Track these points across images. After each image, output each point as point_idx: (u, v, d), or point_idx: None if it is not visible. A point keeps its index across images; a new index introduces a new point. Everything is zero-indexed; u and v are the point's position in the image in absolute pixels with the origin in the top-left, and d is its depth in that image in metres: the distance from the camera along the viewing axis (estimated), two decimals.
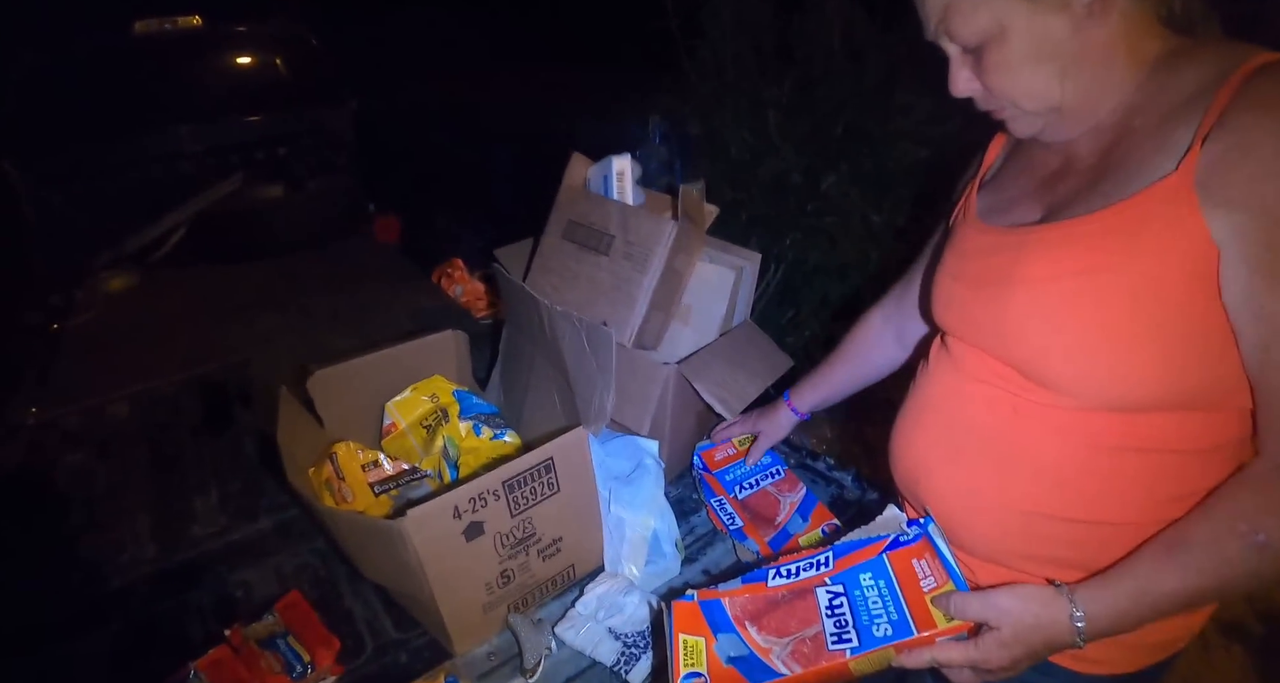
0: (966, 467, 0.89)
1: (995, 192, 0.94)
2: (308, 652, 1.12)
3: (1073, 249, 0.76)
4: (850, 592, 0.83)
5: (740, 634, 0.84)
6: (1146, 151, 0.73)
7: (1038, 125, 0.82)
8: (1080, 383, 0.77)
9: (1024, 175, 0.91)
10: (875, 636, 0.78)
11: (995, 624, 0.74)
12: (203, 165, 3.10)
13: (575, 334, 1.25)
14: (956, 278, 0.91)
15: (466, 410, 1.40)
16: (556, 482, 1.11)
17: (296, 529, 1.47)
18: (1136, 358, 0.73)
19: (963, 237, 0.93)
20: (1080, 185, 0.80)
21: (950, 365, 0.93)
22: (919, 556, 0.83)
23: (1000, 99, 0.80)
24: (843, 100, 2.36)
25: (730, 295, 1.44)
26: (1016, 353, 0.82)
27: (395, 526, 0.96)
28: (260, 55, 3.28)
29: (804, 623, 0.82)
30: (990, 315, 0.84)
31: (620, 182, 1.42)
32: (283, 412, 1.34)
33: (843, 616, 0.81)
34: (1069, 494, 0.81)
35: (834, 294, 2.33)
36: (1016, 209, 0.88)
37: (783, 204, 2.39)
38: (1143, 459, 0.78)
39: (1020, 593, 0.75)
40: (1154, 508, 0.78)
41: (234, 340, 2.25)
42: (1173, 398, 0.74)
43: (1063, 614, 0.72)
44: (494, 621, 1.16)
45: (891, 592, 0.81)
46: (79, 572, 1.43)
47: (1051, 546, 0.84)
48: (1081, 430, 0.79)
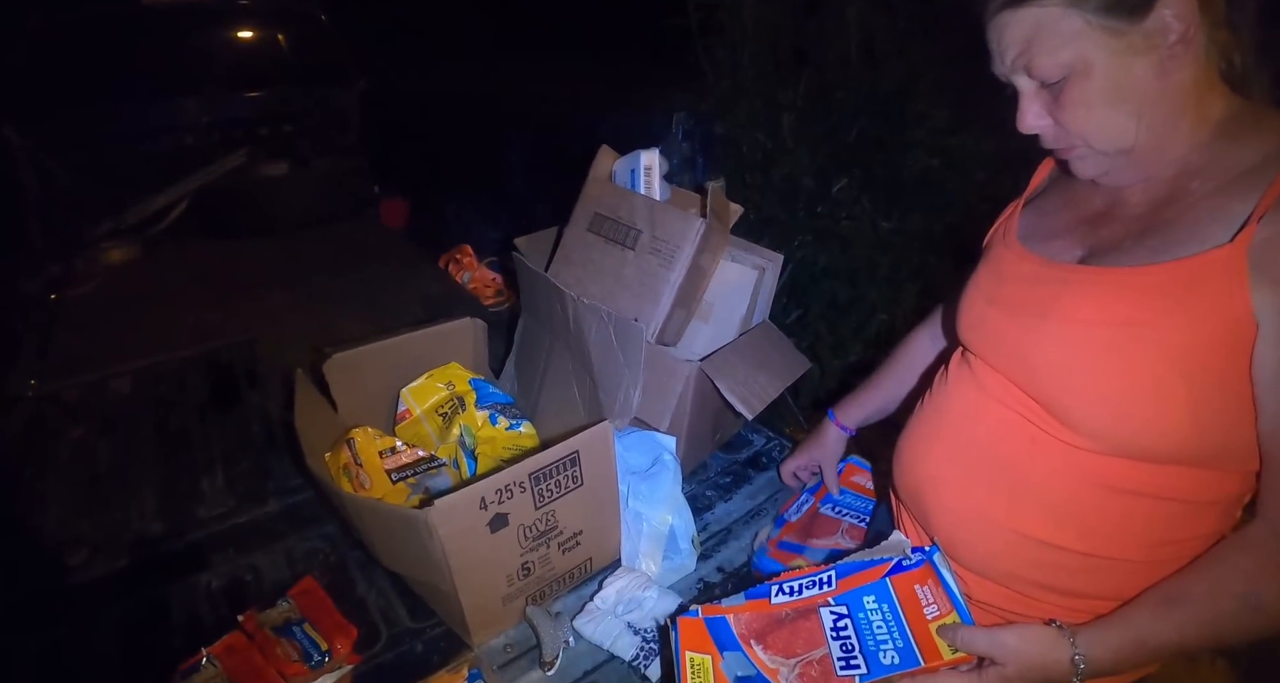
0: (978, 488, 0.90)
1: (1037, 217, 0.95)
2: (325, 640, 1.12)
3: (1117, 298, 0.77)
4: (854, 614, 0.84)
5: (746, 653, 0.85)
6: (1201, 217, 0.74)
7: (1103, 167, 0.82)
8: (1104, 429, 0.78)
9: (1067, 209, 0.92)
10: (883, 664, 0.79)
11: (1001, 661, 0.76)
12: (207, 139, 3.06)
13: (602, 327, 1.25)
14: (992, 302, 0.91)
15: (483, 399, 1.39)
16: (581, 475, 1.11)
17: (306, 513, 1.46)
18: (1162, 414, 0.75)
19: (1001, 259, 0.93)
20: (1124, 234, 0.81)
21: (972, 383, 0.93)
22: (921, 582, 0.85)
23: (1073, 137, 0.80)
24: (858, 106, 2.36)
25: (752, 295, 1.45)
26: (1044, 389, 0.83)
27: (422, 515, 0.96)
28: (269, 30, 3.24)
29: (810, 645, 0.84)
30: (1023, 347, 0.85)
31: (648, 176, 1.42)
32: (299, 395, 1.33)
33: (848, 639, 0.83)
34: (1075, 528, 0.84)
35: (842, 297, 2.33)
36: (1056, 242, 0.88)
37: (794, 207, 2.39)
38: (1149, 504, 0.80)
39: (1026, 634, 0.77)
40: (1152, 548, 0.82)
41: (240, 318, 2.22)
42: (1188, 455, 0.77)
43: (1065, 656, 0.75)
44: (512, 613, 1.16)
45: (895, 617, 0.83)
46: (83, 549, 1.41)
47: (1052, 573, 0.86)
48: (1096, 471, 0.81)
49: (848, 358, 2.37)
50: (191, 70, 3.12)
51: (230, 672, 1.08)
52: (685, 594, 1.24)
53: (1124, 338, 0.75)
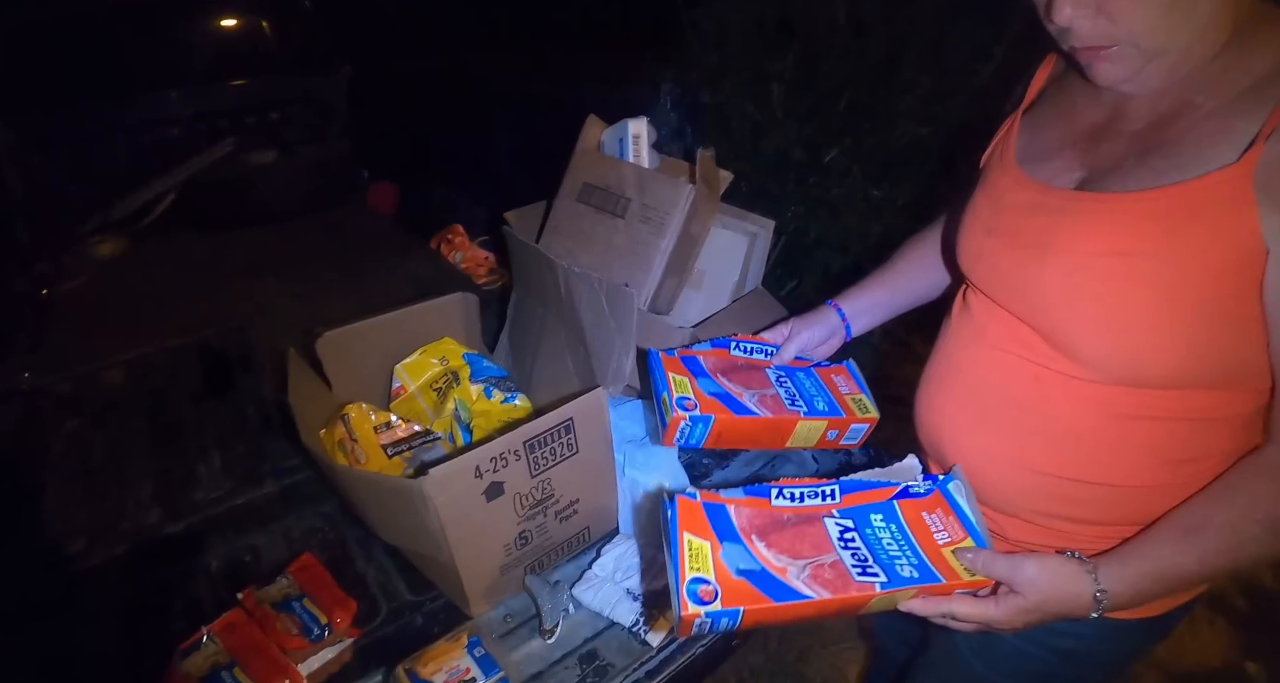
0: (988, 431, 0.91)
1: (1034, 130, 0.91)
2: (325, 614, 1.11)
3: (1116, 227, 0.74)
4: (861, 529, 0.82)
5: (748, 547, 0.80)
6: (1205, 134, 0.71)
7: (1133, 69, 0.75)
8: (1105, 359, 0.78)
9: (1064, 120, 0.88)
10: (902, 575, 0.77)
11: (1019, 589, 0.75)
12: (192, 130, 3.03)
13: (594, 296, 1.24)
14: (990, 232, 0.89)
15: (477, 373, 1.39)
16: (575, 443, 1.10)
17: (304, 493, 1.45)
18: (1163, 342, 0.74)
19: (1000, 184, 0.90)
20: (1125, 151, 0.78)
21: (973, 329, 0.93)
22: (929, 509, 0.84)
23: (1118, 33, 0.72)
24: (846, 76, 2.35)
25: (743, 262, 1.44)
26: (1044, 321, 0.82)
27: (417, 485, 0.95)
28: (250, 18, 3.21)
29: (817, 550, 0.80)
30: (1022, 279, 0.83)
31: (636, 144, 1.41)
32: (292, 373, 1.32)
33: (858, 550, 0.80)
34: (1084, 458, 0.84)
35: (835, 266, 2.33)
36: (1054, 161, 0.85)
37: (784, 178, 2.38)
38: (1155, 426, 0.80)
39: (1048, 564, 0.76)
40: (1163, 470, 0.81)
41: (231, 306, 2.21)
42: (1192, 379, 0.76)
43: (1086, 589, 0.75)
44: (510, 582, 1.16)
45: (905, 537, 0.81)
46: (81, 538, 1.40)
47: (1074, 505, 0.86)
48: (1099, 400, 0.80)
49: None
50: (175, 62, 3.10)
51: (231, 649, 1.07)
52: None
53: (1121, 267, 0.74)
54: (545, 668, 1.07)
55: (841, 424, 1.06)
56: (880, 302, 1.19)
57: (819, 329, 1.16)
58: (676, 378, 1.04)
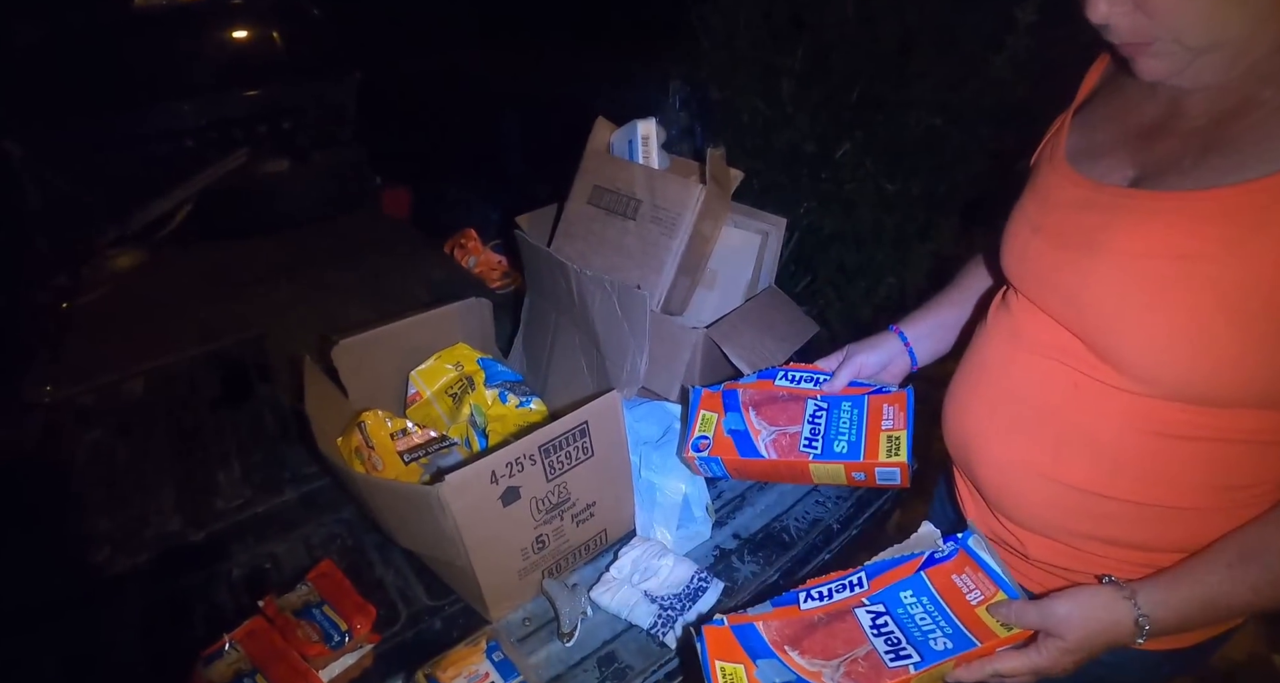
0: (1021, 440, 0.86)
1: (1085, 129, 0.86)
2: (344, 621, 1.12)
3: (1174, 228, 0.69)
4: (893, 610, 0.81)
5: (781, 659, 0.80)
6: (1273, 130, 0.66)
7: (1180, 65, 0.71)
8: (1154, 371, 0.72)
9: (1118, 119, 0.82)
10: (935, 650, 0.76)
11: (1057, 633, 0.73)
12: (206, 141, 3.06)
13: (606, 298, 1.24)
14: (1037, 230, 0.84)
15: (492, 378, 1.39)
16: (591, 446, 1.10)
17: (322, 500, 1.46)
18: (1220, 355, 0.68)
19: (1048, 182, 0.85)
20: (1183, 150, 0.72)
21: (1010, 331, 0.89)
22: (958, 571, 0.82)
23: (1159, 28, 0.68)
24: (857, 68, 2.33)
25: (756, 261, 1.43)
26: (1089, 328, 0.77)
27: (434, 491, 0.95)
28: (260, 28, 3.23)
29: (850, 645, 0.79)
30: (1068, 281, 0.78)
31: (645, 146, 1.40)
32: (308, 381, 1.33)
33: (892, 634, 0.79)
34: (1125, 476, 0.78)
35: (850, 262, 2.31)
36: (1107, 159, 0.80)
37: (797, 173, 2.37)
38: (1202, 447, 0.74)
39: (1080, 600, 0.74)
40: (1216, 494, 0.76)
41: (248, 314, 2.23)
42: (1247, 398, 0.70)
43: (1127, 617, 0.72)
44: (528, 586, 1.16)
45: (938, 607, 0.80)
46: (104, 547, 1.42)
47: (1104, 524, 0.81)
48: (1141, 414, 0.75)
49: (858, 323, 2.35)
50: (187, 73, 3.13)
51: (252, 656, 1.08)
52: (701, 562, 1.23)
53: (1178, 272, 0.68)
54: (564, 671, 1.07)
55: (864, 468, 0.97)
56: (946, 323, 1.11)
57: (876, 354, 1.09)
58: (707, 415, 1.09)
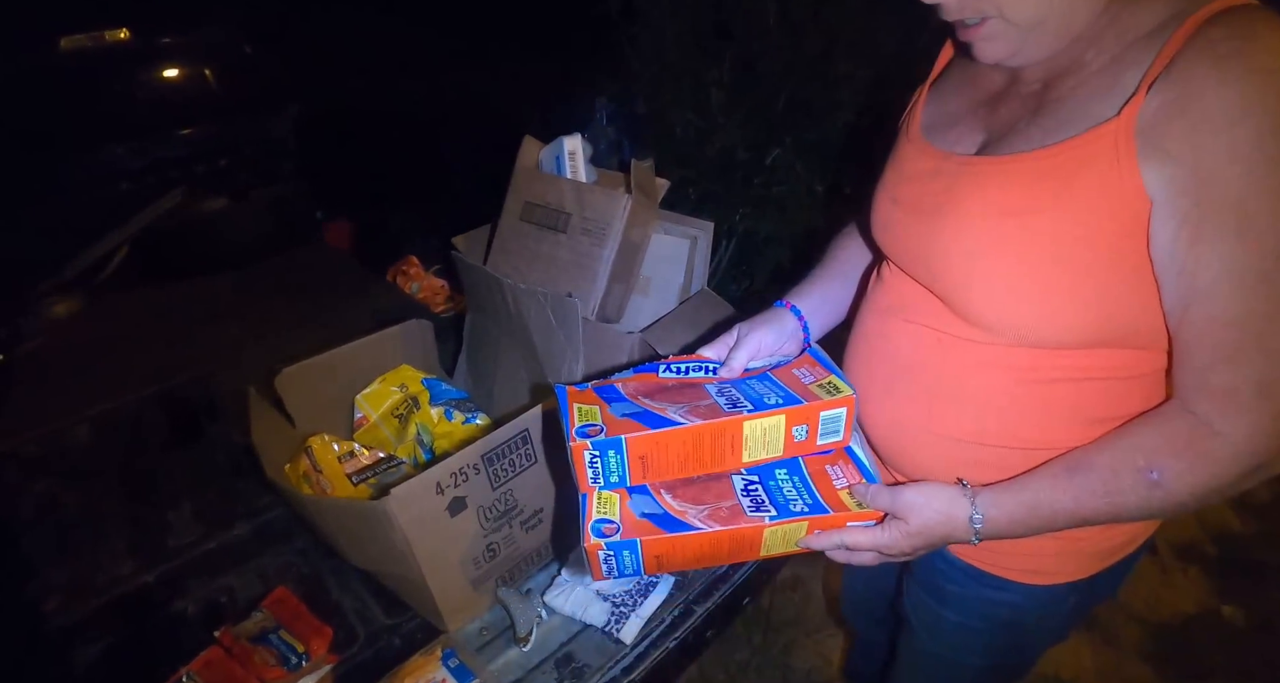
0: (897, 399, 0.92)
1: (939, 102, 0.93)
2: (301, 643, 1.13)
3: (1005, 187, 0.75)
4: (765, 482, 0.87)
5: (655, 498, 0.85)
6: (1092, 90, 0.71)
7: (1014, 46, 0.75)
8: (1000, 322, 0.78)
9: (967, 88, 0.89)
10: (792, 511, 0.81)
11: (901, 514, 0.79)
12: (141, 182, 3.02)
13: (540, 309, 1.27)
14: (896, 201, 0.90)
15: (437, 397, 1.41)
16: (535, 452, 1.13)
17: (276, 530, 1.46)
18: (1058, 302, 0.74)
19: (904, 155, 0.91)
20: (1021, 113, 0.79)
21: (883, 300, 0.95)
22: (832, 462, 0.88)
23: (986, 7, 0.73)
24: (783, 74, 2.40)
25: (687, 265, 1.47)
26: (943, 286, 0.83)
27: (380, 505, 0.97)
28: (193, 66, 3.20)
29: (719, 497, 0.85)
30: (922, 245, 0.84)
31: (573, 161, 1.44)
32: (254, 412, 1.34)
33: (758, 495, 0.84)
34: (993, 422, 0.84)
35: (787, 263, 2.37)
36: (957, 128, 0.86)
37: (730, 180, 2.43)
38: (1060, 388, 0.80)
39: (927, 490, 0.80)
40: (1074, 431, 0.81)
41: (194, 354, 2.21)
42: (1093, 338, 0.76)
43: (963, 514, 0.78)
44: (483, 596, 1.18)
45: (805, 484, 0.86)
46: (56, 596, 1.40)
47: (977, 469, 0.85)
48: (1003, 364, 0.81)
49: None
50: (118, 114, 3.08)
51: None
52: None
53: (1011, 227, 0.74)
54: (523, 675, 1.09)
55: (805, 414, 0.85)
56: (831, 295, 1.11)
57: (772, 333, 1.01)
58: (584, 408, 0.88)
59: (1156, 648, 2.02)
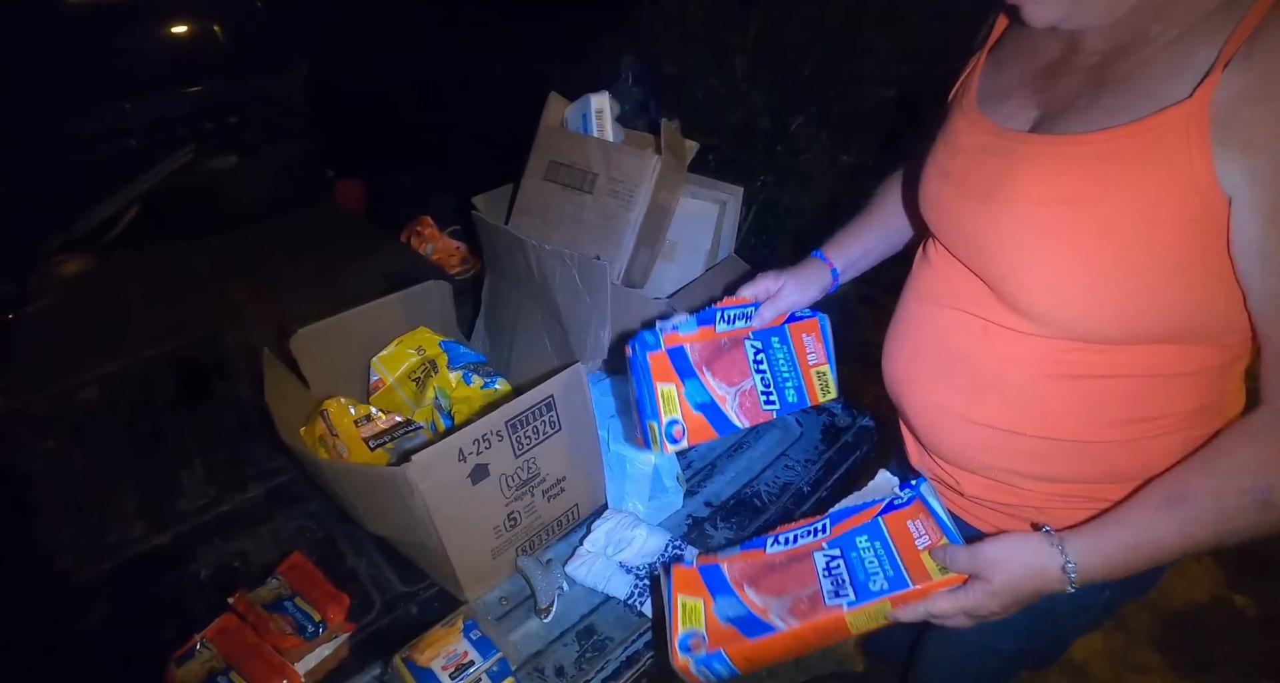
0: (939, 385, 0.90)
1: (995, 70, 0.87)
2: (318, 611, 1.10)
3: (1064, 173, 0.70)
4: (847, 554, 0.86)
5: (738, 596, 0.87)
6: (1161, 67, 0.65)
7: (1064, 9, 0.71)
8: (1051, 314, 0.74)
9: (1023, 58, 0.84)
10: (871, 590, 0.80)
11: (984, 576, 0.75)
12: (150, 140, 2.96)
13: (566, 271, 1.23)
14: (946, 177, 0.86)
15: (455, 360, 1.37)
16: (558, 420, 1.09)
17: (289, 494, 1.43)
18: (1113, 296, 0.70)
19: (957, 126, 0.86)
20: (1080, 88, 0.73)
21: (928, 283, 0.92)
22: (913, 517, 0.86)
23: None
24: (808, 43, 2.34)
25: (714, 230, 1.43)
26: (991, 273, 0.79)
27: (401, 472, 0.94)
28: (201, 22, 3.13)
29: (802, 584, 0.85)
30: (971, 228, 0.80)
31: (600, 119, 1.39)
32: (267, 373, 1.30)
33: (839, 575, 0.84)
34: (1034, 414, 0.81)
35: (808, 233, 2.33)
36: (1012, 99, 0.81)
37: (752, 148, 2.38)
38: (1108, 384, 0.77)
39: (1009, 544, 0.75)
40: (1119, 427, 0.78)
41: (203, 314, 2.17)
42: (1143, 335, 0.72)
43: (1054, 564, 0.72)
44: (503, 565, 1.15)
45: (887, 551, 0.84)
46: (66, 556, 1.38)
47: (1014, 458, 0.85)
48: (1048, 358, 0.78)
49: None
50: (127, 71, 3.02)
51: (225, 653, 1.06)
52: (674, 531, 1.23)
53: (1069, 216, 0.70)
54: (544, 647, 1.07)
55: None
56: (870, 248, 1.11)
57: (809, 293, 1.05)
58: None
59: (1167, 635, 2.01)
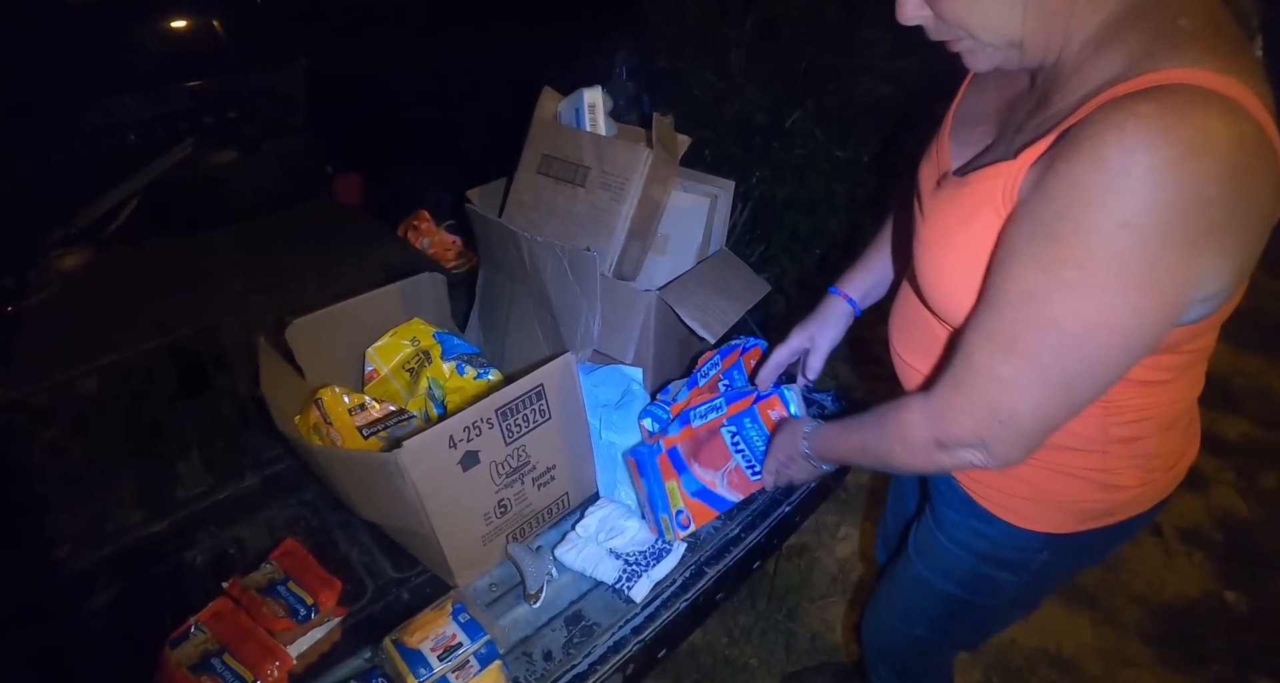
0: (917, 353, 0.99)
1: (978, 92, 0.93)
2: (310, 595, 1.12)
3: (961, 203, 0.79)
4: (743, 433, 1.15)
5: (692, 472, 1.16)
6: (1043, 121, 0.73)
7: (995, 60, 0.76)
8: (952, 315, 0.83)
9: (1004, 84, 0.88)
10: None
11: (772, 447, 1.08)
12: (150, 134, 2.98)
13: (558, 263, 1.25)
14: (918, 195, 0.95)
15: (448, 351, 1.39)
16: (548, 408, 1.11)
17: (285, 483, 1.45)
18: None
19: (930, 155, 0.95)
20: (1024, 121, 0.79)
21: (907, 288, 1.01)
22: (774, 407, 1.14)
23: (954, 28, 0.74)
24: (806, 38, 2.34)
25: (706, 224, 1.44)
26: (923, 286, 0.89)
27: (392, 458, 0.96)
28: (201, 17, 3.14)
29: (725, 458, 1.16)
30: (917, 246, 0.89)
31: (593, 113, 1.40)
32: (263, 363, 1.32)
33: (744, 452, 1.15)
34: None
35: (804, 229, 2.33)
36: (981, 127, 0.88)
37: (749, 142, 2.38)
38: None
39: (783, 426, 1.07)
40: None
41: (202, 306, 2.19)
42: None
43: (799, 434, 1.01)
44: (493, 552, 1.17)
45: (762, 434, 1.14)
46: (65, 544, 1.40)
47: None
48: None
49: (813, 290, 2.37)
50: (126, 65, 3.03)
51: (220, 636, 1.08)
52: None
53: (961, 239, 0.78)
54: (533, 632, 1.09)
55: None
56: (884, 277, 1.19)
57: (836, 331, 1.19)
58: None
59: (1157, 630, 2.01)
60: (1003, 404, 0.71)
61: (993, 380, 0.71)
